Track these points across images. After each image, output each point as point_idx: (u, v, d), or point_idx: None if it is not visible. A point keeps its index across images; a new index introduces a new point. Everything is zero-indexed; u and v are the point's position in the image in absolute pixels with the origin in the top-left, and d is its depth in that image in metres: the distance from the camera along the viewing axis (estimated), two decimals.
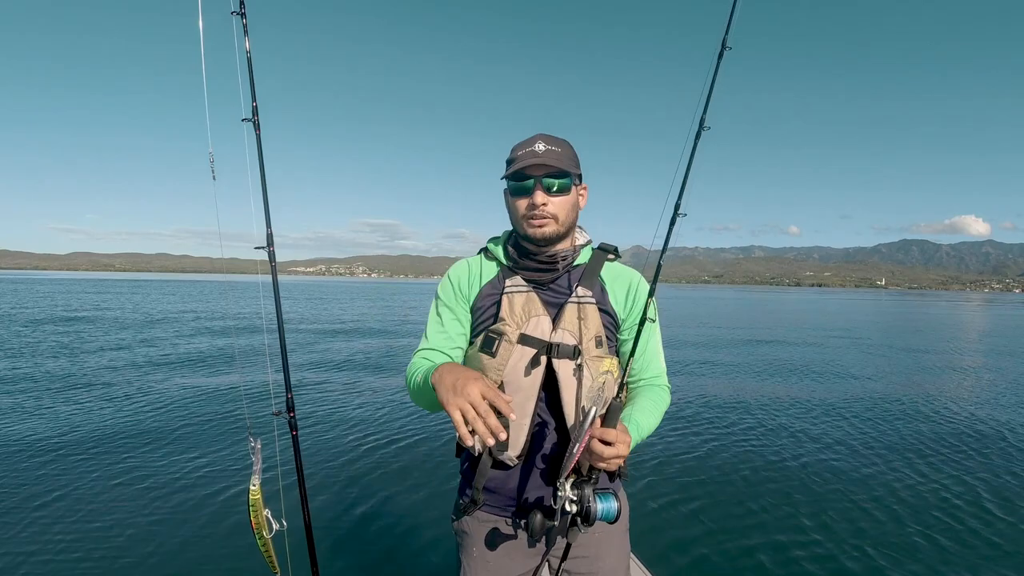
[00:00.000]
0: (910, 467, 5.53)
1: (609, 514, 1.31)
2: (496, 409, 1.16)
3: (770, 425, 7.07)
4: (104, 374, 9.73)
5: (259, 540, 1.65)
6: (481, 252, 1.63)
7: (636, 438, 1.41)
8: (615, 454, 1.26)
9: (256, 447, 1.59)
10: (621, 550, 1.63)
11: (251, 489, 1.61)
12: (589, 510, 1.29)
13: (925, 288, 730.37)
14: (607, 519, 1.32)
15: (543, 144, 1.45)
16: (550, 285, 1.51)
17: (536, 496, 1.50)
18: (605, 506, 1.31)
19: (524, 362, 1.44)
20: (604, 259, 1.58)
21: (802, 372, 11.44)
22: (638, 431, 1.42)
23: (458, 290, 1.57)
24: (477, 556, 1.55)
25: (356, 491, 4.67)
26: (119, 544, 3.78)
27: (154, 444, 5.79)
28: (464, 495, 1.57)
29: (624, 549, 1.65)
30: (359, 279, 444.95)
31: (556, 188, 1.45)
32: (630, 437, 1.33)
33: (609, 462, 1.27)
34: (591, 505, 1.29)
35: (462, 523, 1.58)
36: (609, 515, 1.31)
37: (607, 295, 1.54)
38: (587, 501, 1.29)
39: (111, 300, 34.29)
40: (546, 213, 1.45)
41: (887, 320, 31.52)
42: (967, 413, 7.91)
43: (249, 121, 1.73)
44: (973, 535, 4.09)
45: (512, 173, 1.45)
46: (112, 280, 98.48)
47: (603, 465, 1.28)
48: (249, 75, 1.72)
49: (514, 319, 1.46)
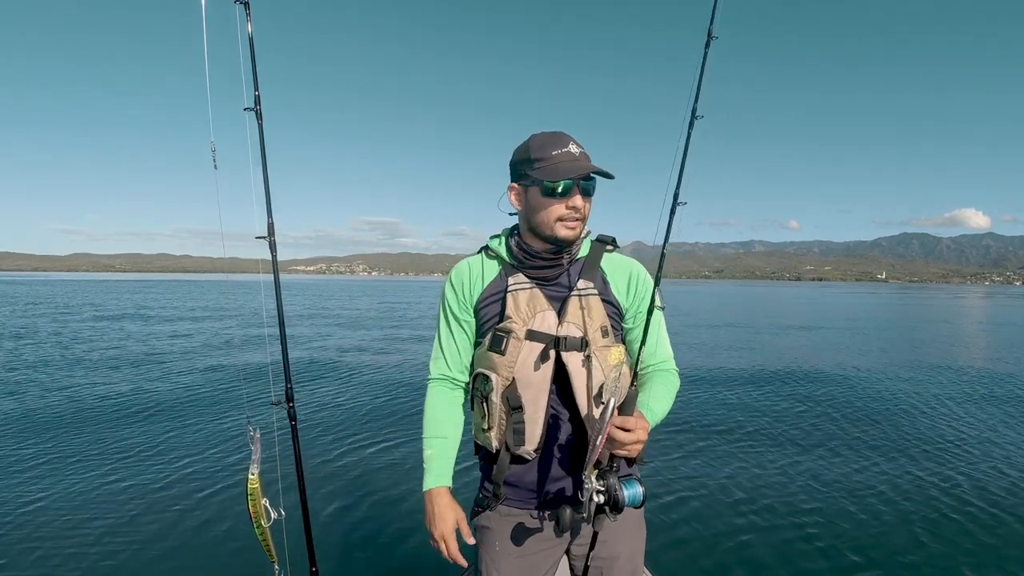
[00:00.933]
0: (917, 467, 5.54)
1: (636, 499, 1.36)
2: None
3: (772, 425, 7.07)
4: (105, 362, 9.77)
5: (257, 529, 1.66)
6: (482, 251, 1.63)
7: (652, 423, 1.44)
8: (635, 439, 1.29)
9: (255, 436, 1.60)
10: (638, 532, 1.66)
11: (250, 478, 1.62)
12: (617, 498, 1.32)
13: (926, 281, 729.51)
14: (634, 504, 1.37)
15: (576, 146, 1.45)
16: (553, 281, 1.53)
17: (556, 487, 1.53)
18: (631, 492, 1.35)
19: (533, 357, 1.46)
20: (603, 250, 1.59)
21: (803, 369, 11.44)
22: (653, 416, 1.45)
23: (461, 294, 1.58)
24: (500, 550, 1.56)
25: (355, 481, 4.68)
26: (117, 532, 3.80)
27: (151, 434, 5.83)
28: (484, 490, 1.60)
29: (640, 532, 1.67)
30: (359, 277, 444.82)
31: (590, 192, 1.48)
32: (647, 423, 1.36)
33: (630, 449, 1.30)
34: (618, 493, 1.33)
35: (482, 518, 1.60)
36: (636, 500, 1.36)
37: (609, 285, 1.55)
38: (614, 490, 1.33)
39: (114, 299, 34.30)
40: (580, 215, 1.47)
41: (896, 315, 31.50)
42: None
43: (251, 110, 1.74)
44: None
45: (551, 175, 1.42)
46: (114, 281, 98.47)
47: (624, 452, 1.31)
48: (252, 63, 1.71)
49: (520, 316, 1.48)
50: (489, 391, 1.48)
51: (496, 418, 1.49)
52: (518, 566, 1.55)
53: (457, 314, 1.58)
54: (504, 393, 1.47)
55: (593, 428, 1.39)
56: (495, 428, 1.49)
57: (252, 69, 1.71)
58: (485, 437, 1.53)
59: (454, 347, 1.59)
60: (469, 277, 1.58)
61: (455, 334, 1.59)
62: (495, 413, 1.48)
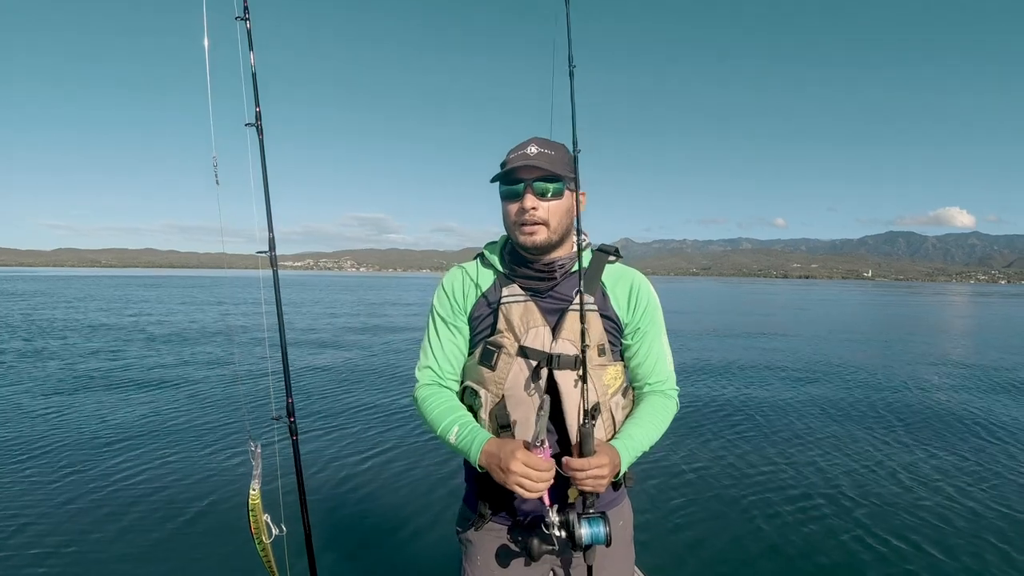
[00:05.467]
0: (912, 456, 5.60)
1: (598, 538, 1.31)
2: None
3: (771, 424, 7.11)
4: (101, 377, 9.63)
5: (258, 545, 1.65)
6: (477, 258, 1.59)
7: (630, 452, 1.41)
8: (592, 476, 1.29)
9: (256, 452, 1.59)
10: (625, 561, 1.63)
11: (251, 494, 1.61)
12: (574, 535, 1.29)
13: (912, 280, 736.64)
14: (597, 543, 1.32)
15: (536, 147, 1.41)
16: (549, 293, 1.47)
17: (541, 506, 1.50)
18: (592, 531, 1.31)
19: (525, 375, 1.41)
20: (604, 261, 1.53)
21: (798, 367, 11.52)
22: (630, 444, 1.42)
23: (454, 301, 1.53)
24: (482, 566, 1.54)
25: (356, 496, 4.64)
26: (115, 548, 3.75)
27: (152, 448, 5.72)
28: (469, 506, 1.57)
29: (629, 559, 1.65)
30: (348, 273, 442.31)
31: (548, 193, 1.40)
32: (608, 457, 1.33)
33: (592, 485, 1.30)
34: (577, 531, 1.29)
35: (468, 533, 1.56)
36: (598, 539, 1.31)
37: (608, 299, 1.49)
38: (572, 526, 1.29)
39: (105, 299, 33.92)
40: (536, 219, 1.40)
41: (884, 314, 31.74)
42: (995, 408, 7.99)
43: (252, 126, 1.72)
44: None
45: (503, 176, 1.42)
46: (100, 276, 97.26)
47: (588, 489, 1.30)
48: (253, 81, 1.70)
49: (512, 331, 1.43)
50: (478, 407, 1.44)
51: None
52: None
53: (449, 320, 1.53)
54: (493, 411, 1.42)
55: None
56: None
57: (254, 87, 1.70)
58: None
59: (444, 354, 1.53)
60: (463, 285, 1.53)
61: (444, 341, 1.53)
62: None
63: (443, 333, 1.53)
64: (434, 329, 1.55)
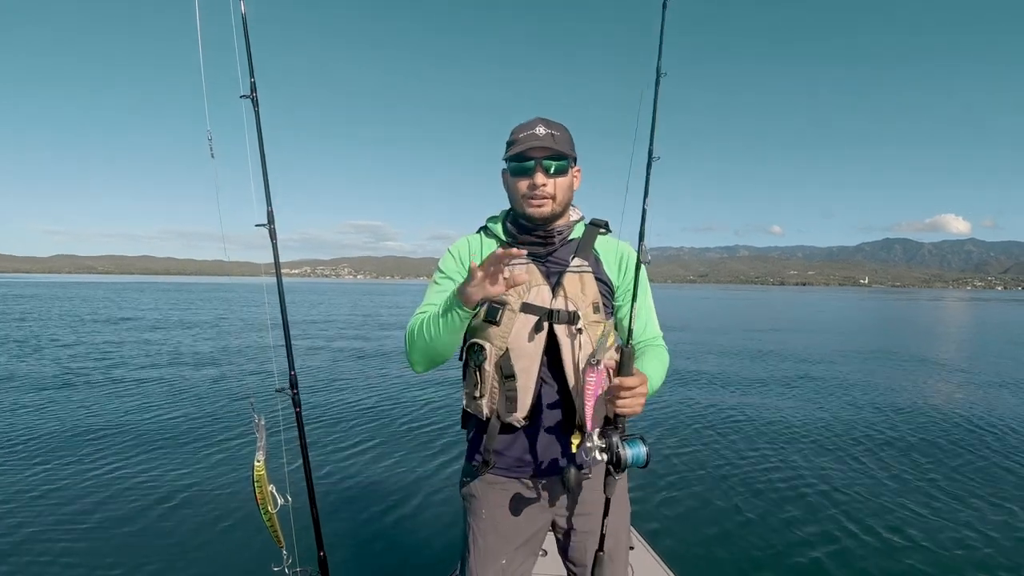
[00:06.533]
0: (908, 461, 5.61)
1: (639, 458, 1.37)
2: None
3: (768, 419, 7.13)
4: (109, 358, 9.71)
5: (264, 515, 1.66)
6: (480, 231, 1.71)
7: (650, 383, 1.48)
8: (640, 392, 1.35)
9: (260, 423, 1.60)
10: (622, 508, 1.69)
11: (255, 465, 1.62)
12: (619, 456, 1.36)
13: (908, 286, 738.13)
14: (637, 464, 1.38)
15: (543, 127, 1.53)
16: (548, 258, 1.60)
17: (542, 456, 1.56)
18: (635, 451, 1.37)
19: (527, 329, 1.51)
20: (596, 233, 1.67)
21: (796, 367, 11.55)
22: (650, 380, 1.48)
23: (459, 263, 1.65)
24: (486, 517, 1.60)
25: (360, 465, 4.74)
26: (125, 520, 3.83)
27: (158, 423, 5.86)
28: (474, 459, 1.62)
29: (625, 508, 1.71)
30: (345, 280, 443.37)
31: (555, 170, 1.53)
32: (647, 378, 1.40)
33: (632, 405, 1.35)
34: (620, 451, 1.36)
35: (470, 487, 1.64)
36: (639, 459, 1.37)
37: (601, 264, 1.64)
38: (616, 448, 1.36)
39: (103, 301, 33.88)
40: (545, 193, 1.53)
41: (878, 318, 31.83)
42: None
43: (247, 98, 1.72)
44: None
45: (514, 155, 1.53)
46: (97, 283, 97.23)
47: (627, 410, 1.35)
48: (247, 50, 1.69)
49: (516, 289, 1.51)
50: (483, 360, 1.53)
51: (488, 386, 1.53)
52: (504, 533, 1.59)
53: (452, 277, 1.62)
54: (498, 362, 1.52)
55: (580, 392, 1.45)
56: (487, 396, 1.54)
57: (247, 56, 1.70)
58: (476, 405, 1.57)
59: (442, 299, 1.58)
60: (468, 250, 1.66)
61: (445, 291, 1.58)
62: (488, 381, 1.53)
63: (444, 284, 1.62)
64: (435, 283, 1.65)
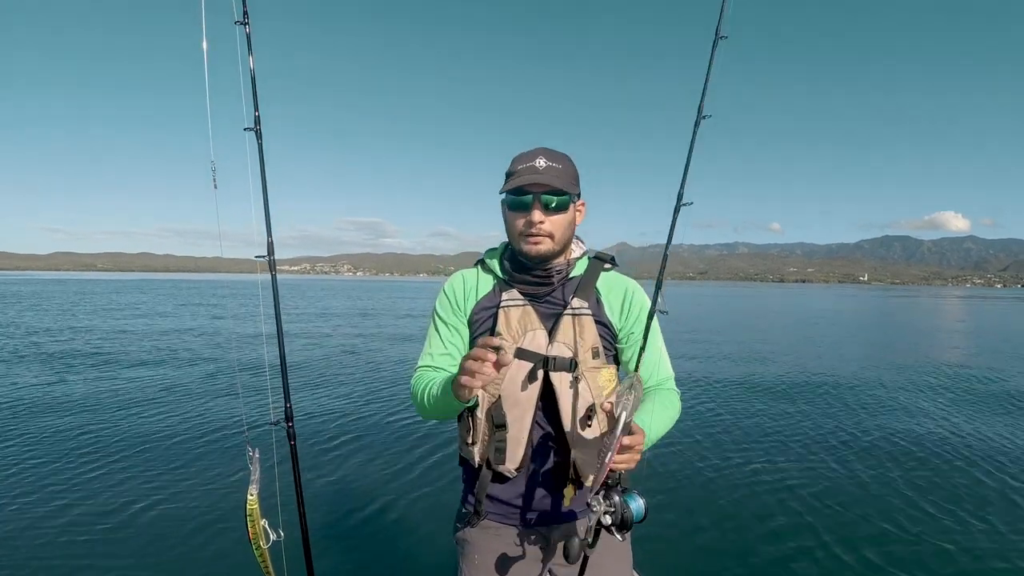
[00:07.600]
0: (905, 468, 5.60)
1: (640, 513, 1.28)
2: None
3: (772, 427, 7.11)
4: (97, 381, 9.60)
5: (256, 550, 1.64)
6: (478, 264, 1.65)
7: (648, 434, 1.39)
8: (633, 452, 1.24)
9: (254, 457, 1.58)
10: (623, 554, 1.64)
11: (248, 499, 1.60)
12: (624, 517, 1.26)
13: (908, 284, 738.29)
14: (638, 519, 1.28)
15: (544, 160, 1.45)
16: (546, 298, 1.53)
17: (536, 505, 1.53)
18: (636, 507, 1.27)
19: (521, 376, 1.46)
20: (600, 269, 1.58)
21: (794, 368, 11.53)
22: (648, 431, 1.40)
23: (455, 304, 1.59)
24: (479, 564, 1.56)
25: (355, 502, 4.62)
26: (114, 554, 3.73)
27: (150, 454, 5.68)
28: (466, 505, 1.59)
29: (627, 554, 1.65)
30: (344, 277, 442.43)
31: (555, 206, 1.45)
32: (644, 434, 1.30)
33: (627, 463, 1.25)
34: (625, 511, 1.26)
35: (464, 532, 1.60)
36: (640, 514, 1.28)
37: (603, 306, 1.54)
38: (621, 508, 1.26)
39: (104, 303, 33.83)
40: (542, 231, 1.45)
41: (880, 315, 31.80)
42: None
43: (251, 130, 1.71)
44: None
45: (512, 188, 1.45)
46: (101, 280, 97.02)
47: (624, 466, 1.25)
48: (252, 85, 1.69)
49: (511, 333, 1.48)
50: (475, 407, 1.48)
51: (480, 434, 1.49)
52: None
53: (449, 321, 1.59)
54: (489, 410, 1.47)
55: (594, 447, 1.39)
56: (478, 444, 1.50)
57: (252, 90, 1.69)
58: (468, 451, 1.53)
59: (444, 349, 1.58)
60: (464, 289, 1.60)
61: (445, 340, 1.58)
62: (479, 429, 1.49)
63: (442, 332, 1.59)
64: (434, 329, 1.61)
